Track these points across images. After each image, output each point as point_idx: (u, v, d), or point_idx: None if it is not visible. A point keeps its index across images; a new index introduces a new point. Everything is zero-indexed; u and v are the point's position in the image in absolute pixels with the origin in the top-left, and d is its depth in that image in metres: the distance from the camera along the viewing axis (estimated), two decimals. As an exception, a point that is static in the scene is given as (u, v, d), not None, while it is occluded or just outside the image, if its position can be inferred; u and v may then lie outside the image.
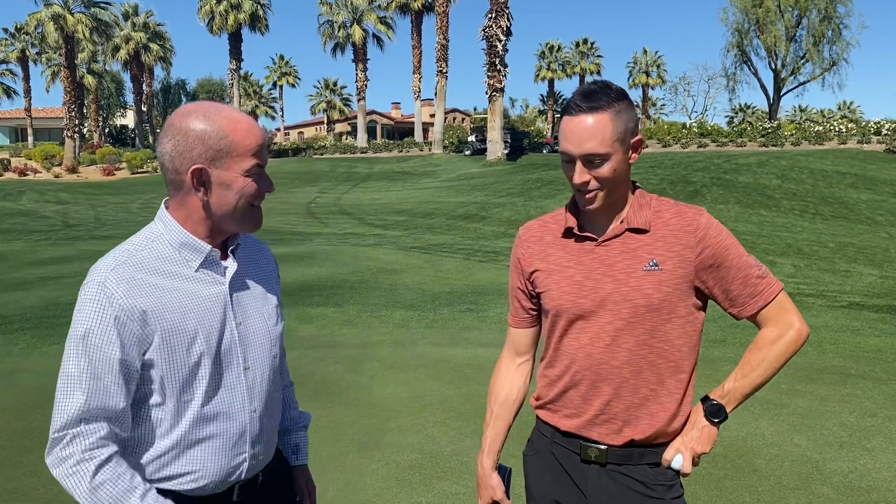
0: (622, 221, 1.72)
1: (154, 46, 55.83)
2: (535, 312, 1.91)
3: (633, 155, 1.70)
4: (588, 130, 1.62)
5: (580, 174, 1.66)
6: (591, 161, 1.64)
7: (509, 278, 1.96)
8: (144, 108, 59.10)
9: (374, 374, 5.93)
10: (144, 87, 58.42)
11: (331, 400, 5.27)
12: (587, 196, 1.68)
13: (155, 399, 1.47)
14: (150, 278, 1.45)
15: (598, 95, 1.63)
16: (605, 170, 1.64)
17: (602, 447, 1.73)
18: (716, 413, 1.72)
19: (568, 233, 1.78)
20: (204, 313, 1.49)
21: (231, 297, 1.55)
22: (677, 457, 1.72)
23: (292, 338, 7.25)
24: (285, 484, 1.80)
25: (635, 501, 1.71)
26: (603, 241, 1.73)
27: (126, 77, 61.01)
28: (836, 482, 3.90)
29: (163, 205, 1.55)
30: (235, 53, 51.19)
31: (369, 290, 9.86)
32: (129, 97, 63.15)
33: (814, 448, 4.37)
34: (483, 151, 40.19)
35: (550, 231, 1.83)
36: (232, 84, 52.21)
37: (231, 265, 1.57)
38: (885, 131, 36.54)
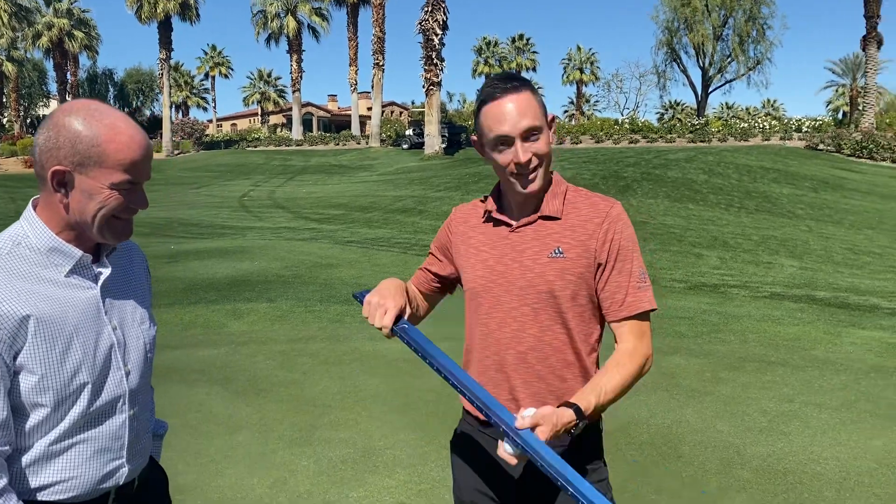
0: (536, 209, 1.76)
1: (78, 34, 53.64)
2: (435, 285, 1.98)
3: (552, 134, 1.76)
4: (521, 108, 1.66)
5: (524, 152, 1.67)
6: (528, 137, 1.67)
7: (432, 243, 2.00)
8: (69, 98, 56.85)
9: (307, 369, 5.85)
10: (69, 75, 56.07)
11: (261, 397, 5.18)
12: (530, 176, 1.70)
13: (32, 407, 1.40)
14: (20, 284, 1.37)
15: (514, 78, 1.70)
16: (542, 144, 1.69)
17: None
18: (578, 432, 1.60)
19: (488, 217, 1.82)
20: (79, 318, 1.43)
21: (104, 302, 1.50)
22: (511, 448, 1.51)
23: (221, 334, 7.11)
24: (160, 489, 1.77)
25: (553, 490, 1.72)
26: (517, 228, 1.76)
27: (49, 65, 58.56)
28: (756, 466, 4.05)
29: (30, 204, 1.47)
30: (165, 43, 49.68)
31: (303, 285, 9.73)
32: (53, 86, 60.66)
33: (735, 434, 4.53)
34: (421, 145, 40.15)
35: (476, 214, 1.87)
36: (162, 74, 50.70)
37: (104, 270, 1.51)
38: (805, 128, 38.14)
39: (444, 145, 38.76)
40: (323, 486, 3.78)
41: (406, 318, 1.68)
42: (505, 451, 1.50)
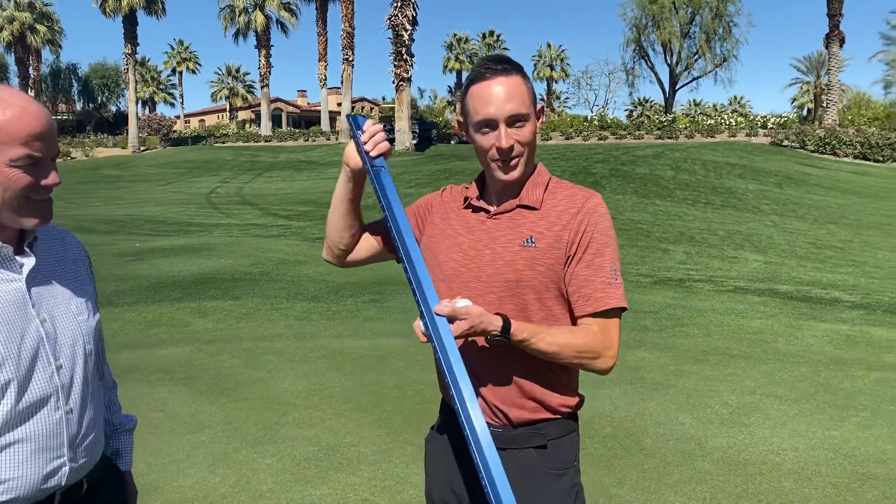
0: (516, 197, 1.72)
1: (41, 28, 52.61)
2: (376, 243, 1.93)
3: (538, 123, 1.72)
4: (509, 91, 1.63)
5: (507, 137, 1.64)
6: (513, 123, 1.64)
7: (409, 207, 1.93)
8: (31, 94, 55.67)
9: (272, 367, 5.80)
10: (31, 71, 55.01)
11: (225, 395, 5.12)
12: (511, 163, 1.67)
13: None
14: None
15: (506, 61, 1.67)
16: (527, 132, 1.65)
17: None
18: (494, 343, 1.58)
19: (468, 204, 1.80)
20: (1, 312, 1.38)
21: (30, 294, 1.45)
22: (458, 305, 1.51)
23: (186, 332, 7.02)
24: (115, 490, 1.70)
25: (523, 490, 1.64)
26: (495, 214, 1.73)
27: (11, 60, 57.23)
28: (717, 457, 4.10)
29: None
30: (130, 37, 48.85)
31: (270, 283, 9.64)
32: (15, 81, 59.31)
33: (697, 426, 4.59)
34: (391, 141, 39.67)
35: (460, 199, 1.85)
36: (127, 69, 49.88)
37: (28, 261, 1.46)
38: (770, 125, 38.76)
39: (414, 141, 38.68)
40: (286, 485, 3.75)
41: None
42: (419, 326, 1.52)
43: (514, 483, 1.63)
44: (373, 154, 1.70)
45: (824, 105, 39.36)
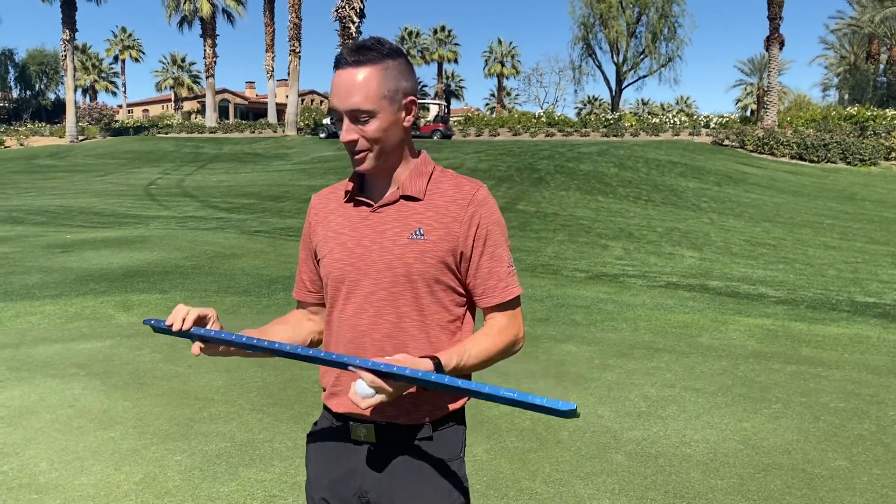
0: (399, 188, 1.67)
1: (-27, 10, 50.59)
2: (318, 288, 1.83)
3: (407, 117, 1.64)
4: (354, 85, 1.57)
5: (347, 132, 1.60)
6: (356, 118, 1.59)
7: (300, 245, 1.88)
8: (-38, 78, 53.51)
9: (193, 362, 5.67)
10: (-37, 55, 52.88)
11: (141, 391, 4.98)
12: (356, 157, 1.63)
13: None
14: None
15: (366, 50, 1.59)
16: (372, 128, 1.59)
17: (369, 426, 1.65)
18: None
19: (349, 198, 1.73)
20: None
21: None
22: (364, 388, 1.45)
23: (108, 326, 6.81)
24: None
25: (404, 485, 1.63)
26: (378, 208, 1.67)
27: (-59, 43, 55.03)
28: (630, 450, 4.15)
29: None
30: (69, 22, 47.30)
31: (202, 276, 9.43)
32: (-55, 66, 56.92)
33: (614, 419, 4.64)
34: (338, 134, 39.62)
35: (336, 198, 1.77)
36: (65, 56, 48.29)
37: None
38: (712, 124, 39.70)
39: (362, 135, 38.38)
40: (194, 482, 3.66)
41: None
42: (356, 393, 1.44)
43: (400, 476, 1.64)
44: (186, 327, 1.58)
45: (765, 106, 40.46)
